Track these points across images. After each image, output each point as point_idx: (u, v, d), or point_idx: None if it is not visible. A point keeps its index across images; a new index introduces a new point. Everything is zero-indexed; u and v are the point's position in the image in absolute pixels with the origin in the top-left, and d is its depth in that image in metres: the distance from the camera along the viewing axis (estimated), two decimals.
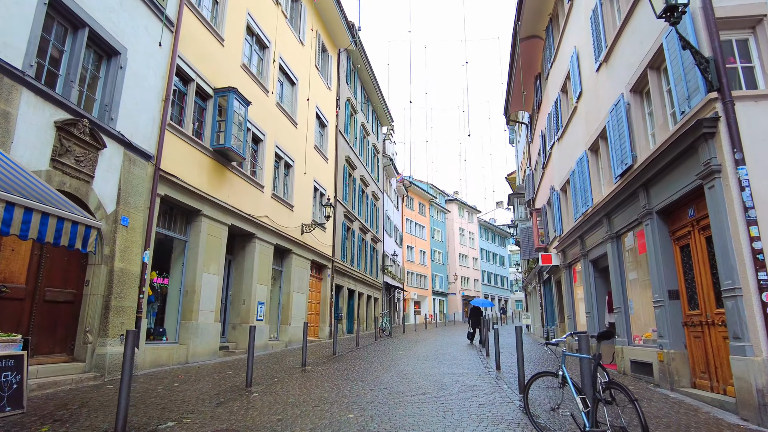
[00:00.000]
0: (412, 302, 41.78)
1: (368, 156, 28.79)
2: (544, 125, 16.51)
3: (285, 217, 15.61)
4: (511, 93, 20.21)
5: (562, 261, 13.88)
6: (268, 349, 13.94)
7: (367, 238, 27.60)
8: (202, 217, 11.05)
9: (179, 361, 10.05)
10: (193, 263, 10.79)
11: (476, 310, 17.33)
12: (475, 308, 17.43)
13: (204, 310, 10.91)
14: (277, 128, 15.36)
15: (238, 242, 13.60)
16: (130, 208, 8.58)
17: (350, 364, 10.84)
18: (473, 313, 17.32)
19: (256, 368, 9.97)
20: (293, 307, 15.99)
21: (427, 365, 10.72)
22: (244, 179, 13.04)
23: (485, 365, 10.72)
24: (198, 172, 10.97)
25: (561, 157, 13.77)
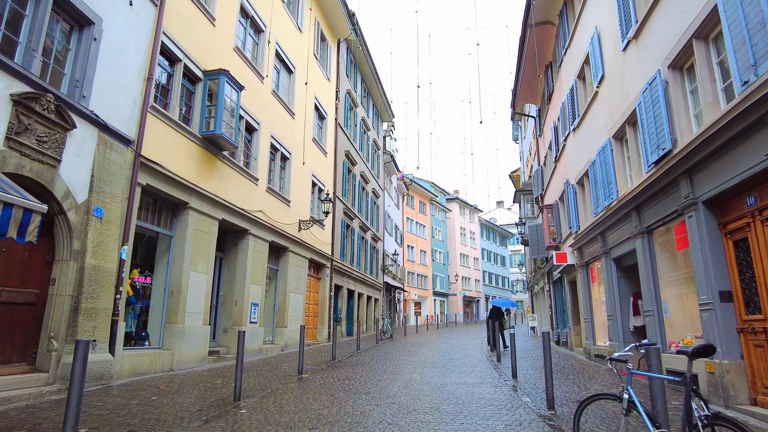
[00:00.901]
0: (412, 303, 40.84)
1: (369, 152, 27.85)
2: (556, 116, 15.59)
3: (281, 212, 14.66)
4: (520, 84, 19.28)
5: (578, 260, 12.94)
6: (263, 353, 12.98)
7: (368, 237, 26.66)
8: (190, 210, 10.10)
9: (163, 368, 9.08)
10: (180, 261, 9.83)
11: (496, 311, 15.38)
12: (495, 309, 15.49)
13: (191, 312, 9.95)
14: (273, 118, 14.41)
15: (230, 239, 12.64)
16: (105, 197, 7.62)
17: (351, 372, 9.90)
18: (493, 315, 15.26)
19: (249, 376, 9.02)
20: (290, 309, 15.04)
21: (436, 373, 9.78)
22: (237, 171, 12.08)
23: (499, 373, 9.79)
24: (185, 161, 10.01)
25: (577, 148, 12.84)
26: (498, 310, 15.41)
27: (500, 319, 14.76)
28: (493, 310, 15.54)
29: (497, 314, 15.27)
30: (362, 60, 25.12)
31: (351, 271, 22.44)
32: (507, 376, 9.39)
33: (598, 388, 8.06)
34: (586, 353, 12.60)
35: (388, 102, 30.84)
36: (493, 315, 15.26)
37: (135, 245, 9.72)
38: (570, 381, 8.76)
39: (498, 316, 15.02)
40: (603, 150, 10.35)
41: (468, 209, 54.77)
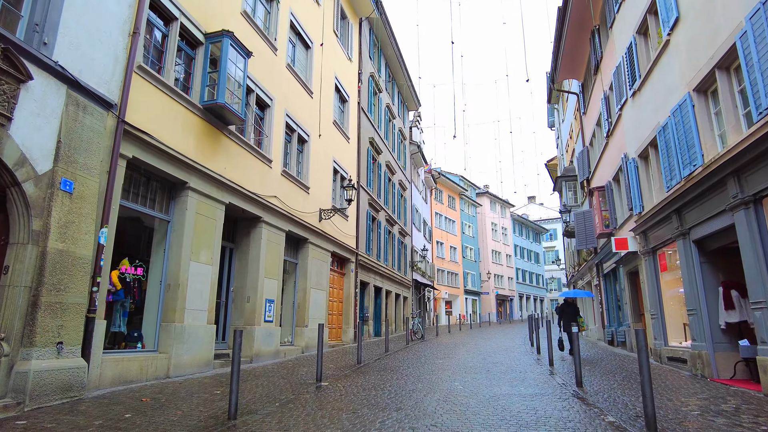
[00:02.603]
0: (443, 302, 39.05)
1: (394, 141, 26.28)
2: (607, 85, 13.68)
3: (299, 200, 13.22)
4: (561, 57, 17.37)
5: (642, 246, 11.04)
6: (280, 356, 11.55)
7: (395, 231, 25.08)
8: (189, 191, 8.72)
9: (157, 375, 7.71)
10: (178, 249, 8.47)
11: (570, 306, 12.62)
12: (568, 303, 12.72)
13: (192, 309, 8.57)
14: (288, 94, 12.98)
15: (242, 227, 11.26)
16: (77, 169, 6.27)
17: (379, 379, 8.34)
18: (565, 311, 12.47)
19: (257, 384, 7.56)
20: (310, 306, 13.59)
21: (481, 381, 8.12)
22: (247, 150, 10.69)
23: (558, 380, 8.05)
24: (183, 134, 8.65)
25: (638, 115, 10.96)
26: (572, 305, 12.63)
27: (575, 317, 12.22)
28: (564, 306, 12.71)
29: (571, 310, 12.50)
30: (386, 43, 23.60)
31: (378, 266, 20.91)
32: (569, 384, 7.66)
33: (697, 403, 6.26)
34: (655, 356, 10.70)
35: (415, 89, 29.21)
36: (564, 311, 12.53)
37: (124, 231, 8.42)
38: None
39: (572, 312, 12.44)
40: (679, 108, 8.49)
41: (499, 204, 52.55)
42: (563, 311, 12.51)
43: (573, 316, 12.25)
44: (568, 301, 12.82)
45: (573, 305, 12.56)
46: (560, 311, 12.62)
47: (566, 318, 12.29)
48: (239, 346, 5.36)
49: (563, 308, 12.57)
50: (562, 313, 12.52)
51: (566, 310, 12.49)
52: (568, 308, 12.53)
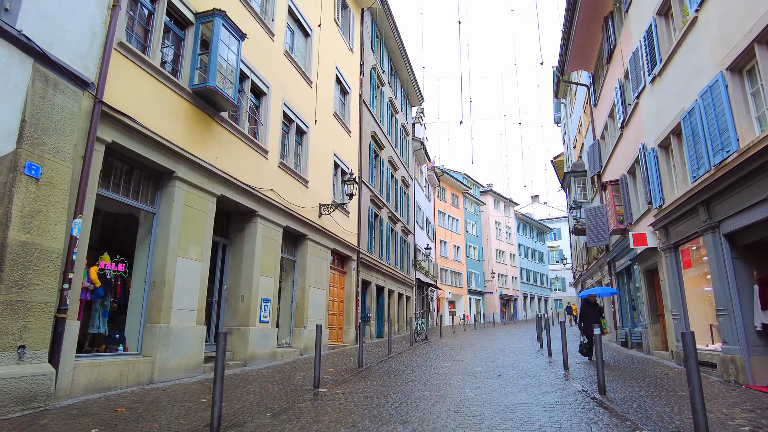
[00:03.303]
0: (446, 302, 38.33)
1: (397, 136, 25.59)
2: (621, 73, 12.98)
3: (297, 194, 12.56)
4: (570, 47, 16.66)
5: (663, 241, 10.33)
6: (276, 359, 10.88)
7: (397, 229, 24.40)
8: (177, 180, 8.06)
9: (139, 380, 7.05)
10: (164, 243, 7.81)
11: (592, 306, 11.22)
12: (590, 303, 11.27)
13: (180, 309, 7.91)
14: (286, 82, 12.32)
15: (236, 222, 10.60)
16: (46, 152, 5.61)
17: (382, 385, 7.66)
18: (587, 312, 11.16)
19: (249, 391, 6.90)
20: (309, 306, 12.92)
21: (493, 387, 7.43)
22: (241, 139, 10.03)
23: (577, 386, 7.36)
24: (170, 119, 7.99)
25: (659, 101, 10.27)
26: (594, 306, 11.30)
27: (598, 318, 11.00)
28: (586, 306, 11.31)
29: (594, 311, 11.18)
30: (389, 35, 22.94)
31: (380, 265, 20.23)
32: (590, 391, 6.97)
33: (743, 416, 5.56)
34: (676, 358, 10.00)
35: (418, 84, 28.52)
36: (586, 312, 11.22)
37: (105, 224, 7.78)
38: (680, 399, 6.28)
39: (595, 313, 11.16)
40: (709, 90, 7.79)
41: (503, 202, 51.82)
42: (585, 312, 11.22)
43: (596, 317, 11.07)
44: (590, 301, 11.40)
45: (596, 305, 11.32)
46: (582, 312, 11.34)
47: (588, 320, 10.99)
48: (223, 351, 4.69)
49: (585, 308, 11.27)
50: (583, 315, 11.21)
51: (588, 310, 11.19)
52: (589, 308, 11.21)
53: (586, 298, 11.50)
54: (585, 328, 11.16)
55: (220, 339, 4.73)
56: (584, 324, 11.20)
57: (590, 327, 10.68)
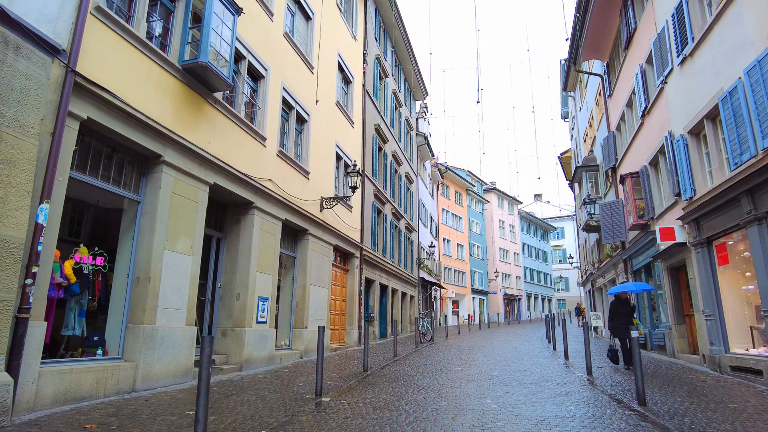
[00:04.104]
0: (449, 301, 37.53)
1: (401, 130, 24.80)
2: (643, 57, 12.18)
3: (298, 185, 11.76)
4: (585, 33, 15.84)
5: (693, 236, 9.53)
6: (275, 362, 10.09)
7: (401, 226, 23.61)
8: (164, 165, 7.27)
9: (119, 389, 6.25)
10: (149, 235, 7.01)
11: (624, 304, 9.85)
12: (621, 300, 9.90)
13: (167, 308, 7.12)
14: (286, 66, 11.53)
15: (231, 214, 9.81)
16: (4, 125, 4.83)
17: (391, 393, 6.87)
18: (617, 310, 9.81)
19: (245, 398, 6.10)
20: (310, 305, 12.13)
21: (517, 397, 6.64)
22: (236, 123, 9.24)
23: (607, 394, 6.56)
24: (157, 98, 7.20)
25: (690, 83, 9.47)
26: (626, 303, 9.90)
27: (631, 318, 9.80)
28: (617, 304, 9.88)
29: (626, 309, 9.76)
30: (393, 25, 22.14)
31: (384, 263, 19.44)
32: (626, 400, 6.18)
33: None
34: (709, 363, 9.20)
35: (422, 78, 27.72)
36: (618, 311, 9.77)
37: (84, 213, 7.00)
38: (735, 414, 5.48)
39: (627, 312, 9.78)
40: (758, 66, 6.99)
41: (507, 200, 51.01)
42: (616, 311, 9.82)
43: (629, 317, 9.82)
44: (622, 298, 9.97)
45: (627, 303, 9.95)
46: (612, 311, 9.93)
47: (620, 320, 9.63)
48: (208, 359, 3.90)
49: (616, 307, 9.86)
50: (614, 314, 9.81)
51: (619, 309, 9.76)
52: (621, 307, 9.78)
53: (617, 295, 10.08)
54: (616, 329, 9.76)
55: (205, 344, 3.94)
56: (615, 325, 9.78)
57: (623, 328, 9.48)
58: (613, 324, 9.78)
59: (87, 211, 7.08)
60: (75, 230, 6.70)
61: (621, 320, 9.61)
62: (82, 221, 6.95)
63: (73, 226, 6.67)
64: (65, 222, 6.89)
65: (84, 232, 6.90)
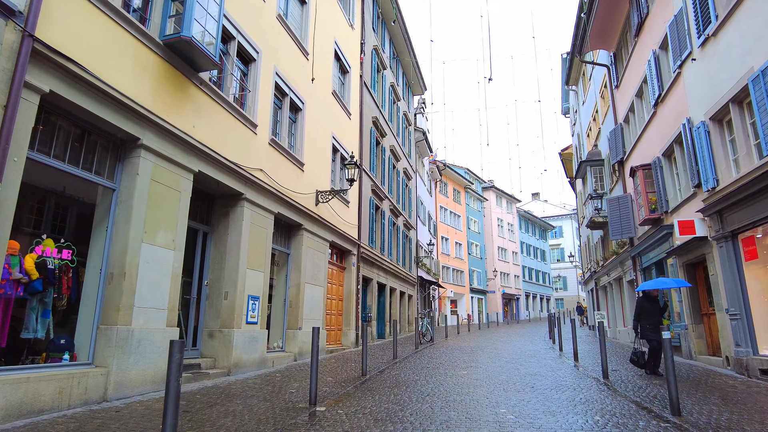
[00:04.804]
0: (447, 301, 36.89)
1: (399, 125, 24.12)
2: (658, 42, 11.55)
3: (291, 177, 11.07)
4: (592, 21, 15.21)
5: (716, 229, 8.89)
6: (266, 365, 9.40)
7: (399, 223, 22.94)
8: (143, 150, 6.57)
9: (87, 399, 5.55)
10: (125, 226, 6.31)
11: (651, 301, 8.74)
12: (649, 298, 8.77)
13: (144, 307, 6.42)
14: (279, 51, 10.83)
15: (219, 206, 9.11)
16: None
17: (393, 401, 6.19)
18: (645, 308, 8.64)
19: (230, 409, 5.41)
20: (305, 305, 11.43)
21: (534, 405, 5.97)
22: (224, 107, 8.54)
23: (631, 401, 5.91)
24: (135, 74, 6.49)
25: (713, 65, 8.84)
26: (656, 302, 8.78)
27: (661, 317, 8.70)
28: (645, 302, 8.72)
29: (655, 308, 8.66)
30: (391, 16, 21.46)
31: (382, 261, 18.75)
32: (656, 409, 5.52)
33: None
34: (734, 366, 8.57)
35: (420, 72, 27.06)
36: (647, 310, 8.62)
37: (51, 201, 6.30)
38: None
39: (657, 311, 8.65)
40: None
41: (505, 199, 50.43)
42: (645, 309, 8.63)
43: (659, 316, 8.58)
44: (652, 296, 8.84)
45: (657, 301, 8.85)
46: (640, 309, 8.72)
47: (649, 319, 8.51)
48: (177, 367, 3.22)
49: (644, 305, 8.67)
50: (643, 313, 8.65)
51: (648, 308, 8.61)
52: (650, 305, 8.64)
53: (647, 293, 8.88)
54: (643, 330, 8.61)
55: (174, 350, 3.27)
56: (642, 325, 8.63)
57: (653, 327, 8.43)
58: (640, 324, 8.67)
59: (54, 199, 6.36)
60: (39, 220, 6.00)
61: (650, 320, 8.59)
62: (48, 210, 6.24)
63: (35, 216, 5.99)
64: (26, 210, 6.19)
65: (50, 223, 6.21)
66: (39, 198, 6.15)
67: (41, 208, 6.14)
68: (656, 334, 8.32)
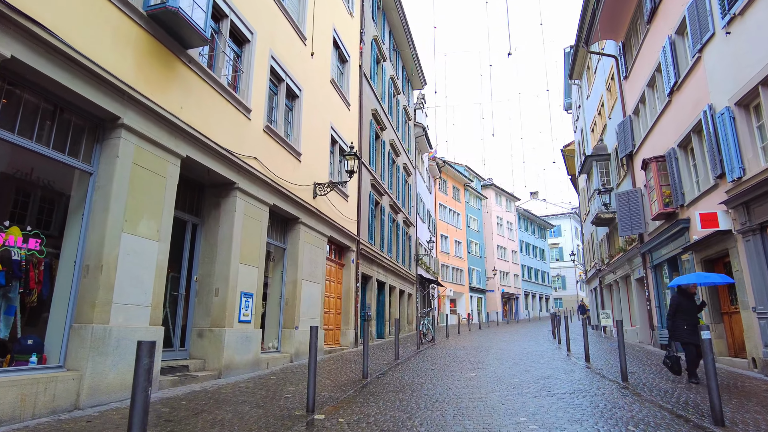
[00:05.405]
0: (447, 300, 36.32)
1: (398, 119, 23.52)
2: (670, 29, 10.99)
3: (288, 168, 10.46)
4: (600, 6, 14.63)
5: (742, 222, 8.34)
6: (261, 367, 8.78)
7: (399, 220, 22.34)
8: (123, 130, 5.94)
9: (55, 407, 4.92)
10: (103, 214, 5.69)
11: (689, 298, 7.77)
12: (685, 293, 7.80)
13: (124, 304, 5.80)
14: (275, 33, 10.22)
15: (210, 196, 8.49)
16: None
17: (400, 408, 5.59)
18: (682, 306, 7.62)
19: (218, 417, 4.80)
20: (302, 303, 10.82)
21: (555, 412, 5.38)
22: (215, 88, 7.92)
23: (663, 409, 5.33)
24: (116, 49, 5.87)
25: (738, 47, 8.28)
26: (691, 299, 7.82)
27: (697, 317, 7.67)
28: (682, 299, 7.72)
29: (693, 306, 7.71)
30: (391, 6, 20.87)
31: (381, 258, 18.15)
32: (692, 417, 4.94)
33: None
34: (764, 368, 8.00)
35: (420, 66, 26.45)
36: (684, 307, 7.62)
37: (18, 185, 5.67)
38: None
39: (694, 309, 7.71)
40: None
41: (504, 197, 49.89)
42: (681, 307, 7.62)
43: (696, 315, 7.68)
44: (690, 292, 7.86)
45: (693, 298, 7.88)
46: (675, 307, 7.67)
47: (686, 318, 7.53)
48: (146, 373, 2.62)
49: (680, 302, 7.65)
50: (679, 311, 7.62)
51: (685, 305, 7.62)
52: (687, 302, 7.67)
53: (683, 288, 7.86)
54: (677, 331, 7.61)
55: (141, 353, 2.67)
56: (676, 325, 7.62)
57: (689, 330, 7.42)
58: (674, 324, 7.65)
59: (19, 183, 5.73)
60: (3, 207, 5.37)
61: (686, 320, 7.54)
62: (13, 195, 5.61)
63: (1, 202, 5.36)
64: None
65: (18, 210, 5.58)
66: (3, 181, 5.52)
67: (4, 192, 5.51)
68: (694, 337, 7.39)
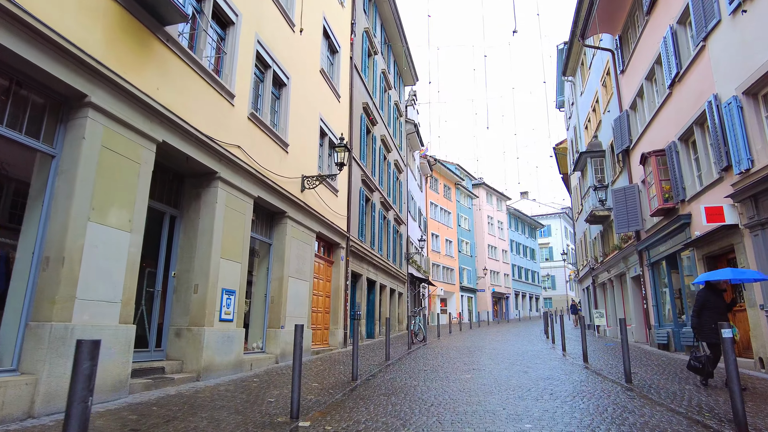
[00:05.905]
0: (437, 299, 35.94)
1: (390, 114, 23.07)
2: (671, 19, 10.66)
3: (274, 159, 9.95)
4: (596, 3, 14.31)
5: (750, 216, 8.00)
6: (243, 369, 8.26)
7: (390, 217, 21.88)
8: (90, 109, 5.40)
9: (6, 416, 4.39)
10: (66, 201, 5.15)
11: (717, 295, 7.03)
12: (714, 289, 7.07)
13: (90, 300, 5.26)
14: (262, 17, 9.70)
15: (189, 186, 7.95)
16: None
17: (392, 413, 5.12)
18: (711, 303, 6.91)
19: (191, 425, 4.30)
20: (288, 301, 10.31)
21: (559, 416, 4.95)
22: (195, 70, 7.39)
23: (677, 413, 4.93)
24: (84, 22, 5.33)
25: (747, 34, 7.95)
26: (720, 296, 7.06)
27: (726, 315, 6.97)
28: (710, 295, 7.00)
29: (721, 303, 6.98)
30: None
31: (372, 255, 17.68)
32: (712, 423, 4.54)
33: None
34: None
35: (412, 61, 26.02)
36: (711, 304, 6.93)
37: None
38: None
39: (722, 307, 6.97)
40: None
41: (495, 196, 49.67)
42: (708, 303, 6.93)
43: (725, 313, 6.96)
44: (719, 288, 7.15)
45: (721, 295, 7.10)
46: (702, 303, 6.98)
47: (714, 316, 6.80)
48: (85, 380, 2.13)
49: (708, 299, 6.96)
50: (705, 308, 6.94)
51: (712, 301, 6.93)
52: (715, 298, 6.96)
53: (712, 284, 7.12)
54: (703, 329, 6.97)
55: (81, 355, 2.18)
56: (703, 323, 6.96)
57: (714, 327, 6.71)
58: (700, 322, 6.97)
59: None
60: None
61: (714, 317, 6.81)
62: None
63: None
64: None
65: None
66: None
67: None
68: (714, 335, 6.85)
